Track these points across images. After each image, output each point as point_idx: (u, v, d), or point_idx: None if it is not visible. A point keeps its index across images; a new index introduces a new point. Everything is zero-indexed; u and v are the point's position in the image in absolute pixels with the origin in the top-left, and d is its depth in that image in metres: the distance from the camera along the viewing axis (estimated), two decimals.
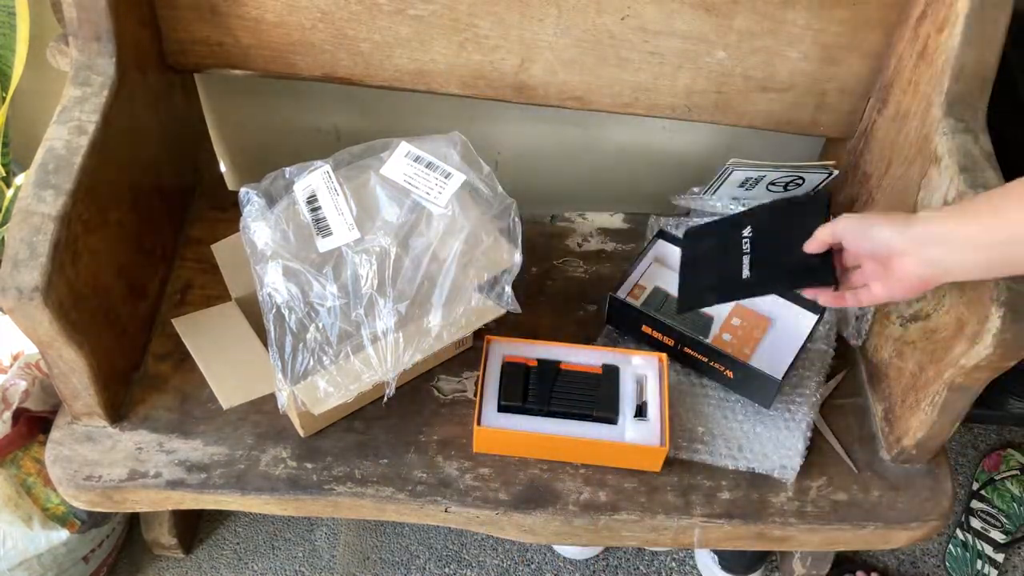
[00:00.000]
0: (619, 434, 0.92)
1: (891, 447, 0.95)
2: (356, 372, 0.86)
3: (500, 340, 0.97)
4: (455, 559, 1.27)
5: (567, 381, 0.95)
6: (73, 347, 0.84)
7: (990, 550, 1.28)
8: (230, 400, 0.93)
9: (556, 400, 0.93)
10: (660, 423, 0.92)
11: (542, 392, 0.93)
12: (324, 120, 1.26)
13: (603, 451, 0.92)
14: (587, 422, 0.92)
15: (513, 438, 0.92)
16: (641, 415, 0.93)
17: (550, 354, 0.97)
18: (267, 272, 0.85)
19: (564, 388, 0.94)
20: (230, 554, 1.26)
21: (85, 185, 0.84)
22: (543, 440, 0.92)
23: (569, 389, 0.94)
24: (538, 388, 0.94)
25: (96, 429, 0.94)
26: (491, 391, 0.94)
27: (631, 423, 0.92)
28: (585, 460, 0.94)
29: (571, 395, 0.94)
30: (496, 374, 0.95)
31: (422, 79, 1.03)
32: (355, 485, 0.91)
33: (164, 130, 1.06)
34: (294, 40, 1.00)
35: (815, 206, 0.87)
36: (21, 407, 1.05)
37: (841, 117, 1.04)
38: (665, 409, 0.93)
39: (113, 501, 0.93)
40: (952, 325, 0.83)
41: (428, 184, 0.91)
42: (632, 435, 0.91)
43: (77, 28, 0.90)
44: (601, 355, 0.97)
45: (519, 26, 0.97)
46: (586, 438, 0.91)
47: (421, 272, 0.88)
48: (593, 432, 0.92)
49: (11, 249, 0.79)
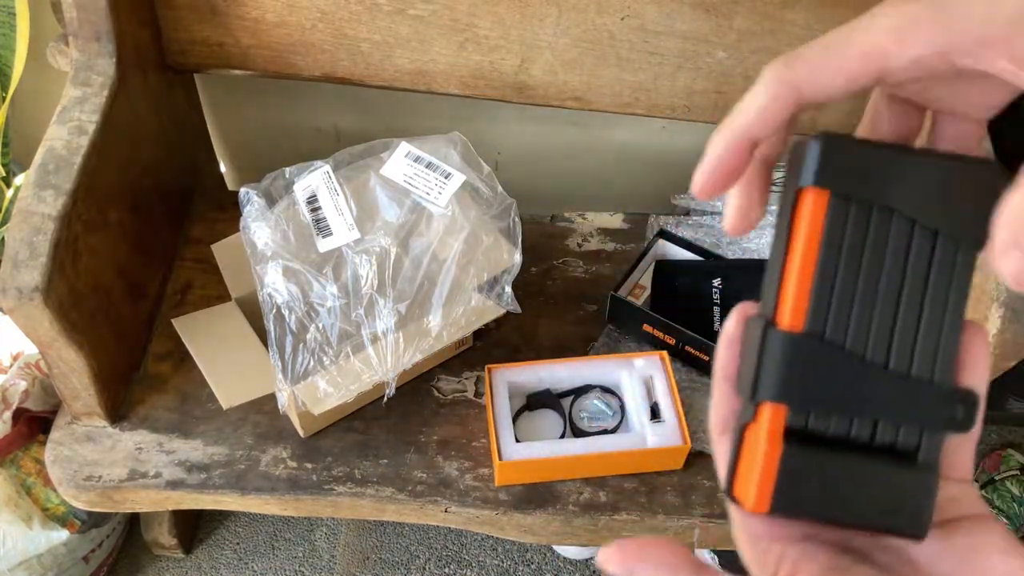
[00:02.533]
0: (640, 440, 0.91)
1: None
2: (356, 372, 0.86)
3: (501, 368, 0.96)
4: (455, 559, 1.27)
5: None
6: (73, 347, 0.84)
7: None
8: (230, 400, 0.93)
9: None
10: (676, 420, 0.92)
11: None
12: (324, 120, 1.26)
13: (628, 460, 0.92)
14: (606, 435, 0.92)
15: (537, 466, 0.91)
16: (656, 417, 0.93)
17: (553, 377, 0.96)
18: (267, 272, 0.85)
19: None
20: (230, 554, 1.26)
21: (85, 185, 0.84)
22: (569, 462, 0.91)
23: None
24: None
25: (96, 429, 0.94)
26: (504, 423, 0.92)
27: (649, 427, 0.92)
28: (609, 472, 0.93)
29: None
30: (505, 405, 0.94)
31: (422, 79, 1.03)
32: (355, 485, 0.91)
33: (164, 130, 1.06)
34: (294, 40, 1.00)
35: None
36: (21, 407, 1.05)
37: (841, 117, 1.04)
38: (678, 406, 0.93)
39: (113, 501, 0.93)
40: None
41: (428, 184, 0.91)
42: (654, 439, 0.91)
43: (77, 28, 0.90)
44: (603, 364, 0.97)
45: (519, 26, 0.97)
46: (610, 451, 0.90)
47: (421, 272, 0.88)
48: (615, 444, 0.91)
49: (11, 249, 0.79)
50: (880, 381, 0.32)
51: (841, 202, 0.32)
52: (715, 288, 1.00)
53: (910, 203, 0.32)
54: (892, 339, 0.32)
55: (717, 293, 1.00)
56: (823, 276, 0.32)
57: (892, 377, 0.32)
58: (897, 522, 0.32)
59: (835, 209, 0.32)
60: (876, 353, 0.32)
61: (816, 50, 0.32)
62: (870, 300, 0.32)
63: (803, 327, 0.32)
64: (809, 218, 0.32)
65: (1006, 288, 0.76)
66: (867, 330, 0.32)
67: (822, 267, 0.32)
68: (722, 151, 0.32)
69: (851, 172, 0.32)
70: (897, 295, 0.32)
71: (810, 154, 0.33)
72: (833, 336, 0.32)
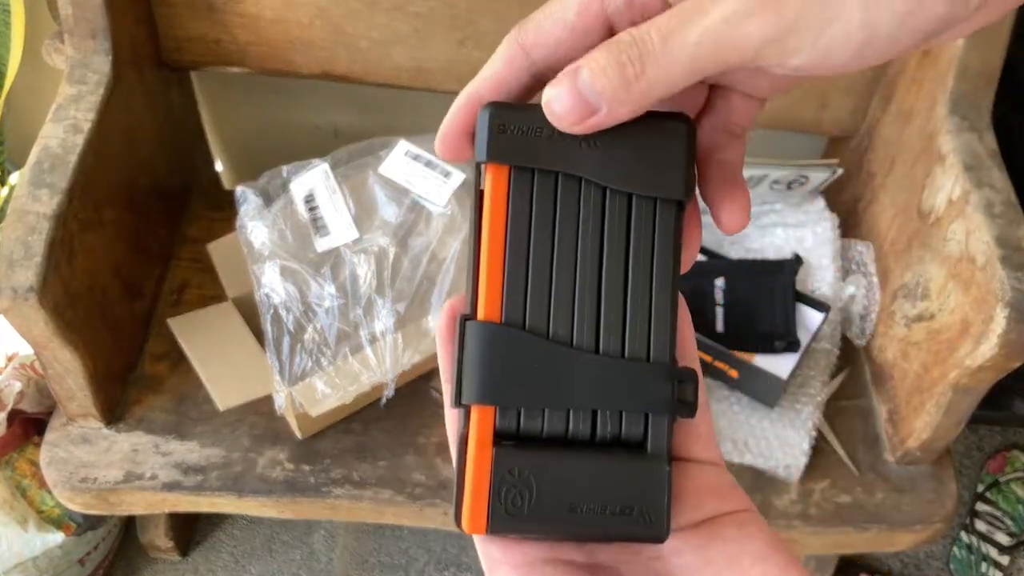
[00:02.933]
0: None
1: (895, 449, 0.94)
2: (354, 373, 0.85)
3: None
4: (454, 562, 1.26)
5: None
6: (68, 348, 0.83)
7: (995, 553, 1.27)
8: (227, 401, 0.93)
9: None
10: None
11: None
12: (322, 118, 1.25)
13: None
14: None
15: None
16: None
17: None
18: (264, 272, 0.85)
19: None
20: (227, 557, 1.25)
21: (80, 184, 0.84)
22: None
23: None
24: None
25: (91, 431, 0.93)
26: None
27: None
28: None
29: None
30: None
31: (421, 76, 1.02)
32: (353, 487, 0.91)
33: (160, 128, 1.05)
34: (292, 37, 1.00)
35: (786, 272, 0.92)
36: (16, 408, 1.05)
37: (844, 115, 1.03)
38: None
39: (108, 503, 0.92)
40: (957, 325, 0.82)
41: (427, 183, 0.90)
42: None
43: (73, 25, 0.89)
44: None
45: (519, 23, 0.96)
46: None
47: (420, 272, 0.87)
48: None
49: (6, 249, 0.79)
50: (592, 367, 0.28)
51: (523, 175, 0.29)
52: (717, 288, 1.00)
53: (598, 168, 0.28)
54: (599, 320, 0.29)
55: (719, 293, 0.99)
56: (515, 258, 0.29)
57: (604, 362, 0.28)
58: (633, 526, 0.28)
59: (517, 184, 0.29)
60: (584, 337, 0.29)
61: (543, 9, 0.30)
62: (569, 280, 0.29)
63: (501, 317, 0.29)
64: (492, 196, 0.29)
65: (1011, 288, 0.75)
66: (570, 313, 0.29)
67: (513, 249, 0.29)
68: (453, 114, 0.30)
69: (529, 142, 0.29)
70: (598, 271, 0.29)
71: (480, 125, 0.29)
72: (535, 324, 0.29)
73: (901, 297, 0.94)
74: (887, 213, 0.99)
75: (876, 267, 1.00)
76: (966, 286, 0.81)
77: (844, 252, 1.04)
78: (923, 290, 0.89)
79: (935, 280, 0.87)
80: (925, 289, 0.89)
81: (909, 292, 0.92)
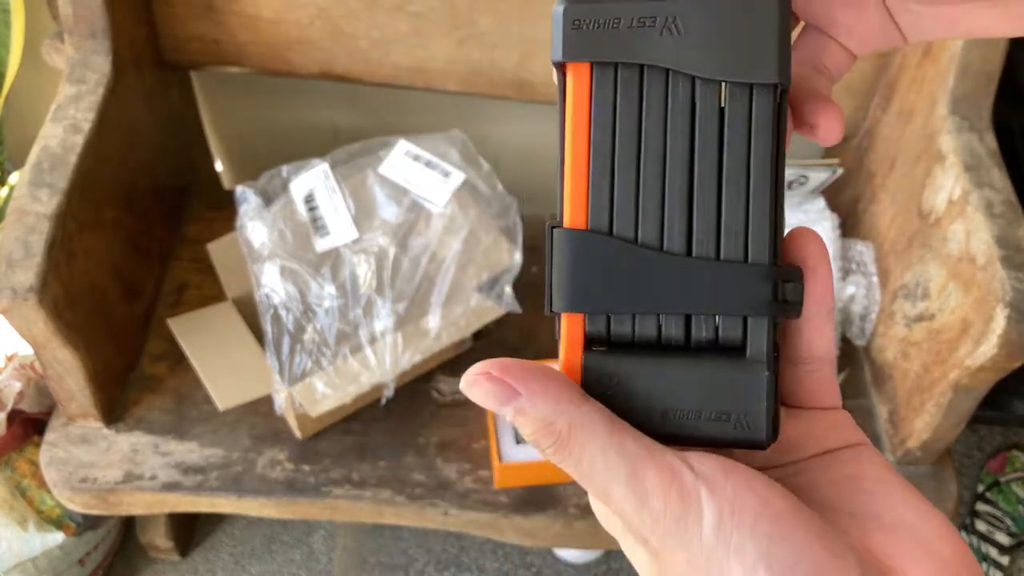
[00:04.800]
0: None
1: (895, 449, 0.94)
2: (354, 373, 0.85)
3: None
4: (454, 563, 1.26)
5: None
6: (68, 348, 0.83)
7: (995, 553, 1.27)
8: (226, 401, 0.93)
9: None
10: None
11: None
12: (321, 118, 1.25)
13: None
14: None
15: (537, 468, 0.89)
16: None
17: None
18: (264, 272, 0.85)
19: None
20: (227, 557, 1.25)
21: (80, 184, 0.83)
22: None
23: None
24: None
25: (91, 431, 0.93)
26: (504, 424, 0.91)
27: None
28: None
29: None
30: None
31: (421, 76, 1.02)
32: (353, 488, 0.90)
33: (160, 128, 1.05)
34: (291, 37, 1.00)
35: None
36: (16, 409, 1.05)
37: (845, 115, 1.03)
38: None
39: (108, 504, 0.92)
40: (957, 326, 0.82)
41: (427, 183, 0.90)
42: None
43: (73, 25, 0.89)
44: None
45: (519, 22, 0.96)
46: None
47: (420, 272, 0.87)
48: None
49: (6, 249, 0.79)
50: (684, 271, 0.27)
51: (605, 72, 0.27)
52: None
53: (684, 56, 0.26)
54: (691, 221, 0.27)
55: None
56: (599, 161, 0.27)
57: (697, 265, 0.27)
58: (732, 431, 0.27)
59: (599, 81, 0.27)
60: (675, 241, 0.27)
61: None
62: (658, 181, 0.27)
63: (587, 223, 0.27)
64: (574, 97, 0.27)
65: (1011, 288, 0.75)
66: (660, 215, 0.27)
67: (597, 151, 0.27)
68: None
69: (607, 35, 0.27)
70: (688, 169, 0.27)
71: (555, 23, 0.27)
72: (621, 228, 0.27)
73: (901, 297, 0.94)
74: (887, 213, 0.99)
75: (876, 267, 1.00)
76: (966, 286, 0.81)
77: (844, 252, 1.04)
78: (923, 290, 0.89)
79: (935, 280, 0.87)
80: (925, 289, 0.89)
81: (909, 292, 0.92)
